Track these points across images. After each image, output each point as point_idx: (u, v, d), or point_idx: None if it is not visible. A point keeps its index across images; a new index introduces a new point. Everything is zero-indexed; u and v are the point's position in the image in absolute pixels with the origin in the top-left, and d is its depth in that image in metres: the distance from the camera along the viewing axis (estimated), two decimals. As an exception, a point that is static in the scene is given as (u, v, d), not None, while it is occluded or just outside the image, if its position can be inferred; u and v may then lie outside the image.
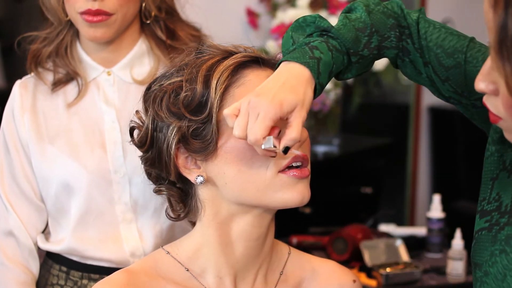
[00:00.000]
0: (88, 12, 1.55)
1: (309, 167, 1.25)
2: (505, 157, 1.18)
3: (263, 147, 1.13)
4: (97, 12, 1.55)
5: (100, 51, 1.64)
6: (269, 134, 1.12)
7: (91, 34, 1.58)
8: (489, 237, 1.17)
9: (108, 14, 1.56)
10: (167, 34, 1.66)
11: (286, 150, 1.14)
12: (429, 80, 1.25)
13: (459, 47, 1.21)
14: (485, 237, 1.18)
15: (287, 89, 1.13)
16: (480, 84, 1.04)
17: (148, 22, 1.64)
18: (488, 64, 1.03)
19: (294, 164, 1.23)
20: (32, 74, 1.67)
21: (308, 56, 1.16)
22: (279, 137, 1.14)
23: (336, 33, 1.20)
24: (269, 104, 1.11)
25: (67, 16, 1.61)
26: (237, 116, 1.15)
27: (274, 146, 1.14)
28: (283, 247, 1.38)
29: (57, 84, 1.64)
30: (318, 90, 1.17)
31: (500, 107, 1.02)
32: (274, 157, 1.20)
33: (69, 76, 1.64)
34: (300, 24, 1.24)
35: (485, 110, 1.16)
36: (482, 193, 1.21)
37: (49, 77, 1.66)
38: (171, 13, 1.67)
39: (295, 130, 1.13)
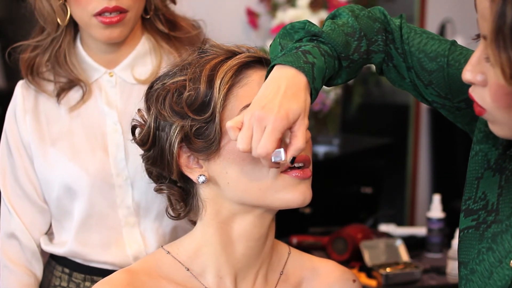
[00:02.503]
0: (105, 10, 1.52)
1: (311, 168, 1.26)
2: (490, 156, 1.19)
3: (273, 160, 1.13)
4: (115, 9, 1.52)
5: (104, 52, 1.62)
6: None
7: (107, 35, 1.55)
8: (476, 235, 1.17)
9: (124, 11, 1.54)
10: (168, 26, 1.65)
11: (293, 160, 1.15)
12: (412, 85, 1.26)
13: (441, 51, 1.22)
14: (472, 236, 1.18)
15: (289, 98, 1.12)
16: (467, 74, 1.04)
17: (148, 16, 1.63)
18: (476, 55, 1.03)
19: (296, 165, 1.23)
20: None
21: (302, 61, 1.15)
22: (282, 147, 1.14)
23: (327, 38, 1.19)
24: (276, 116, 1.11)
25: (64, 21, 1.57)
26: (240, 129, 1.15)
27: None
28: (283, 247, 1.38)
29: (60, 93, 1.61)
30: (313, 95, 1.17)
31: (487, 98, 1.02)
32: (278, 167, 1.20)
33: (72, 83, 1.61)
34: (288, 31, 1.24)
35: (468, 112, 1.16)
36: (467, 192, 1.21)
37: (49, 86, 1.63)
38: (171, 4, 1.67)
39: (300, 140, 1.13)
